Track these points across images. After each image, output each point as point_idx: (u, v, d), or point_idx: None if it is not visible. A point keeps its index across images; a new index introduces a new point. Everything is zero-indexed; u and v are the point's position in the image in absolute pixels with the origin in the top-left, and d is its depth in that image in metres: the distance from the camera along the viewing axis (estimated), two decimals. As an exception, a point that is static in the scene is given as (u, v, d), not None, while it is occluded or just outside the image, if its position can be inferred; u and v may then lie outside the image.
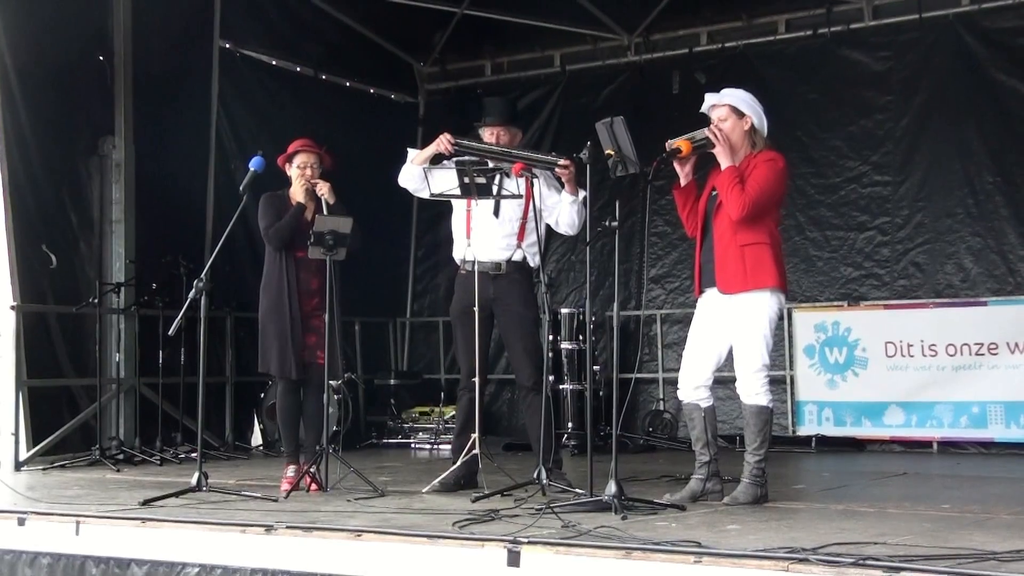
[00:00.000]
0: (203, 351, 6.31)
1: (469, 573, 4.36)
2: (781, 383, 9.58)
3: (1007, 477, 7.64)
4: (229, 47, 10.34)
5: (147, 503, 5.75)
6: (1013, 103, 9.38)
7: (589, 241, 6.05)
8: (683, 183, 5.90)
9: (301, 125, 9.05)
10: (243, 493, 6.13)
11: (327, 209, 6.61)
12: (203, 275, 6.21)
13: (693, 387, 5.86)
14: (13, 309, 8.43)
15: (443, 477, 6.39)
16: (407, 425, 10.51)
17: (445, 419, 10.13)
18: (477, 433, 6.35)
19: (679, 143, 5.76)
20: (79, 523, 5.32)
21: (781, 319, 7.72)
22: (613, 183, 7.37)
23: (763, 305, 5.68)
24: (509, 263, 6.44)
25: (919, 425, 9.25)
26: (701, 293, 5.89)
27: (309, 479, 6.43)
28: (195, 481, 5.99)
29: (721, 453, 6.00)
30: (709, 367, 5.85)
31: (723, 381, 6.48)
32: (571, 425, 9.60)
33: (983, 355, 9.03)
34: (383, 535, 4.69)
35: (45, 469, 8.15)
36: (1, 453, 8.36)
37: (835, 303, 9.86)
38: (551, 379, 7.69)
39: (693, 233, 5.96)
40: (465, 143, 6.38)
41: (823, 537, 4.40)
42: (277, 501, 5.91)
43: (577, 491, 5.73)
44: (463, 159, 6.24)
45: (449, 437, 8.49)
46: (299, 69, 11.10)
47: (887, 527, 4.83)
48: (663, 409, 10.33)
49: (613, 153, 5.61)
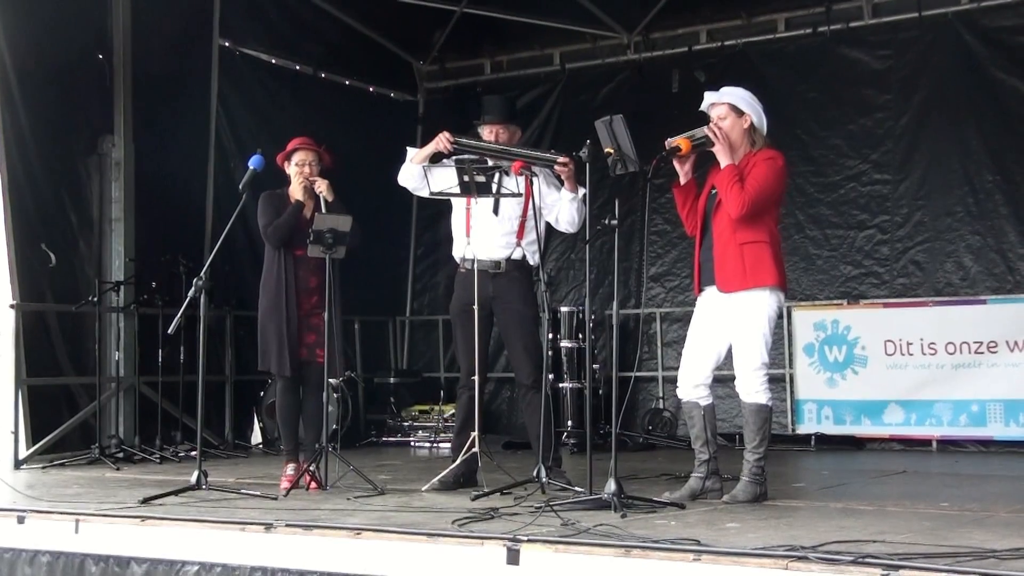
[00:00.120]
0: (203, 350, 6.31)
1: (468, 571, 4.36)
2: (780, 381, 9.57)
3: (1006, 475, 7.63)
4: (228, 46, 10.33)
5: (146, 501, 5.75)
6: (1013, 102, 9.37)
7: (589, 239, 6.05)
8: (683, 181, 5.91)
9: (300, 124, 9.03)
10: (243, 491, 6.13)
11: (325, 207, 6.59)
12: (202, 274, 6.22)
13: (692, 385, 5.87)
14: (12, 308, 8.42)
15: (442, 475, 6.39)
16: (407, 423, 10.52)
17: (445, 417, 10.13)
18: (477, 431, 6.35)
19: (678, 141, 5.76)
20: (78, 521, 5.32)
21: (780, 317, 7.72)
22: (612, 181, 7.38)
23: (762, 303, 5.68)
24: (509, 261, 6.44)
25: (918, 423, 9.25)
26: (700, 291, 5.89)
27: (309, 477, 6.43)
28: (195, 479, 5.99)
29: (720, 451, 6.00)
30: (708, 365, 5.85)
31: (722, 379, 6.50)
32: (570, 423, 9.62)
33: (982, 353, 9.03)
34: (382, 533, 4.70)
35: (45, 467, 8.15)
36: (1, 451, 8.36)
37: (835, 301, 9.85)
38: (551, 377, 7.68)
39: (693, 232, 5.96)
40: (464, 141, 6.37)
41: (822, 535, 4.40)
42: (277, 499, 5.91)
43: (576, 489, 5.73)
44: (462, 157, 6.24)
45: (449, 435, 8.49)
46: (298, 68, 11.09)
47: (886, 525, 4.83)
48: (662, 407, 10.33)
49: (612, 151, 5.61)
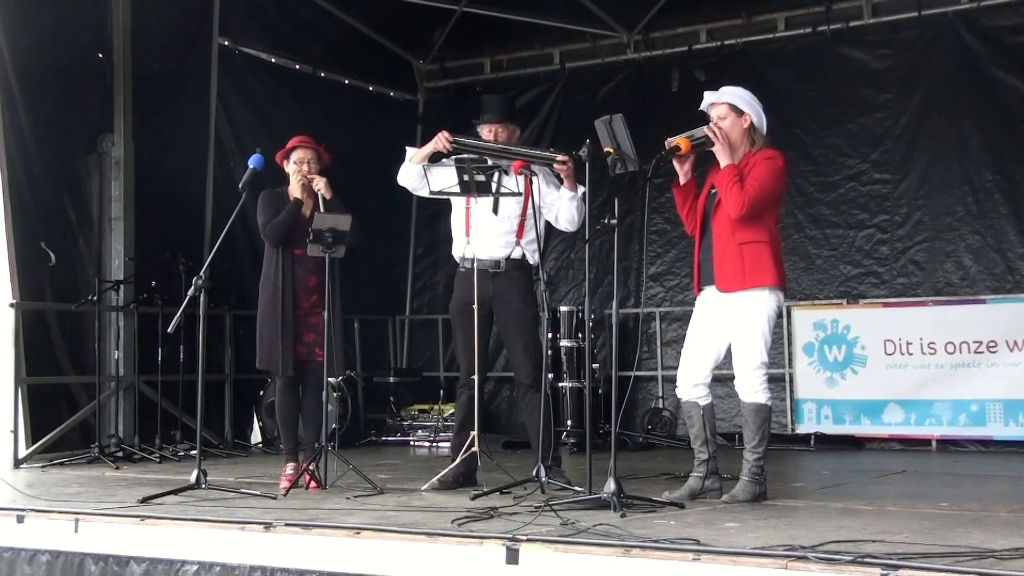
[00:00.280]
0: (202, 349, 6.29)
1: (468, 571, 4.36)
2: (780, 381, 9.58)
3: (1006, 475, 7.63)
4: (228, 45, 10.33)
5: (146, 501, 5.75)
6: (1012, 101, 9.38)
7: (588, 239, 6.04)
8: (682, 181, 5.90)
9: (300, 123, 9.04)
10: (242, 491, 6.12)
11: (324, 205, 6.59)
12: (202, 273, 6.21)
13: (692, 385, 5.87)
14: (12, 307, 8.42)
15: (442, 475, 6.39)
16: (406, 423, 10.53)
17: (444, 417, 10.14)
18: (476, 431, 6.35)
19: (678, 141, 5.75)
20: (78, 520, 5.32)
21: (780, 317, 7.72)
22: (612, 181, 7.37)
23: (761, 303, 5.68)
24: (508, 260, 6.43)
25: (918, 423, 9.25)
26: (700, 291, 5.88)
27: (308, 477, 6.43)
28: (194, 479, 5.98)
29: (720, 451, 6.00)
30: (708, 365, 5.85)
31: (722, 379, 6.50)
32: (570, 423, 9.62)
33: (982, 353, 9.03)
34: (382, 533, 4.70)
35: (44, 467, 8.14)
36: (0, 450, 8.36)
37: (834, 301, 9.85)
38: (550, 377, 7.69)
39: (692, 231, 5.96)
40: (463, 141, 6.36)
41: (822, 535, 4.40)
42: (276, 499, 5.91)
43: (576, 489, 5.73)
44: (462, 156, 6.23)
45: (448, 435, 8.49)
46: (298, 67, 11.09)
47: (886, 525, 4.83)
48: (662, 407, 10.33)
49: (612, 151, 5.60)
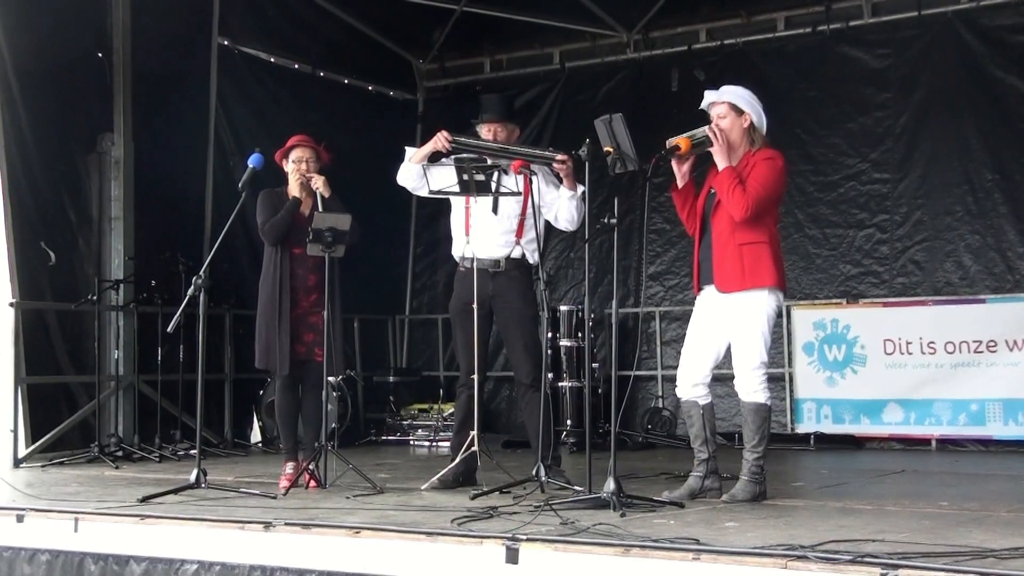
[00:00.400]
0: (202, 348, 6.29)
1: (468, 570, 4.36)
2: (780, 380, 9.58)
3: (1006, 474, 7.63)
4: (228, 44, 10.33)
5: (146, 500, 5.75)
6: (1012, 100, 9.38)
7: (588, 238, 6.04)
8: (680, 184, 5.87)
9: (300, 122, 9.04)
10: (242, 490, 6.12)
11: (322, 202, 6.59)
12: (202, 272, 6.20)
13: (692, 384, 5.86)
14: (12, 306, 8.42)
15: (442, 474, 6.39)
16: (406, 422, 10.52)
17: (444, 416, 10.13)
18: (476, 430, 6.35)
19: (678, 141, 5.74)
20: (78, 520, 5.32)
21: (779, 317, 7.72)
22: (612, 180, 7.36)
23: (761, 303, 5.67)
24: (508, 260, 6.43)
25: (918, 423, 9.25)
26: (700, 290, 5.88)
27: (308, 476, 6.42)
28: (194, 478, 5.98)
29: (720, 450, 5.99)
30: (708, 364, 5.85)
31: (722, 378, 6.50)
32: (570, 422, 9.61)
33: (982, 352, 9.03)
34: (382, 532, 4.70)
35: (44, 466, 8.14)
36: (0, 450, 8.36)
37: (834, 300, 9.85)
38: (550, 376, 7.69)
39: (693, 232, 5.96)
40: (463, 140, 6.36)
41: (821, 534, 4.40)
42: (276, 498, 5.91)
43: (576, 488, 5.73)
44: (461, 156, 6.23)
45: (448, 434, 8.50)
46: (298, 66, 11.09)
47: (885, 524, 4.83)
48: (662, 406, 10.33)
49: (612, 150, 5.60)
